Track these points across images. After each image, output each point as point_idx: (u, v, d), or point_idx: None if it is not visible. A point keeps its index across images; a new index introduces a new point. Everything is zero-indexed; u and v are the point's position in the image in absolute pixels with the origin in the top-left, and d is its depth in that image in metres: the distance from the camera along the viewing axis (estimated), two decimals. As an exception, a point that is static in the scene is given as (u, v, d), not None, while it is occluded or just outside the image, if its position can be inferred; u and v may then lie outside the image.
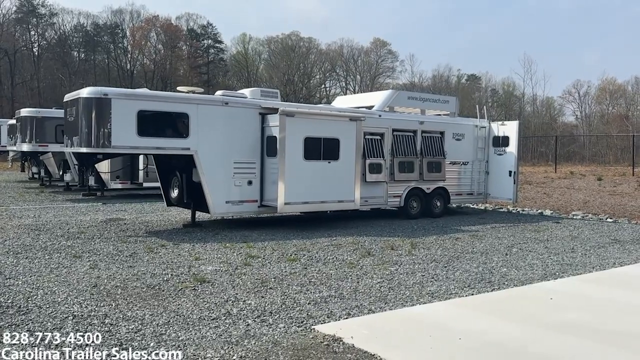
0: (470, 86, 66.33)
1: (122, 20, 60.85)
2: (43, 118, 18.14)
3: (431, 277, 7.09)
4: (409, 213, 13.16)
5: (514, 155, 14.35)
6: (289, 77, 60.13)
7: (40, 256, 7.88)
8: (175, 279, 6.67)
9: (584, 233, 11.45)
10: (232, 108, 10.57)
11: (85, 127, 9.50)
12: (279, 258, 8.09)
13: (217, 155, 10.31)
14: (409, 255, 8.54)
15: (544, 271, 7.63)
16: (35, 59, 55.41)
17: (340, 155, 11.15)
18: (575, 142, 46.75)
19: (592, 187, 21.65)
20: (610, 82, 59.28)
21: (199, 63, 63.61)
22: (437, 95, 15.35)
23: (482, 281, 6.93)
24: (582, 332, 4.90)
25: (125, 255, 8.09)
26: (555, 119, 59.63)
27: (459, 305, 5.74)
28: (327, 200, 11.14)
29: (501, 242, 9.98)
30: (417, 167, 13.20)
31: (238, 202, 10.66)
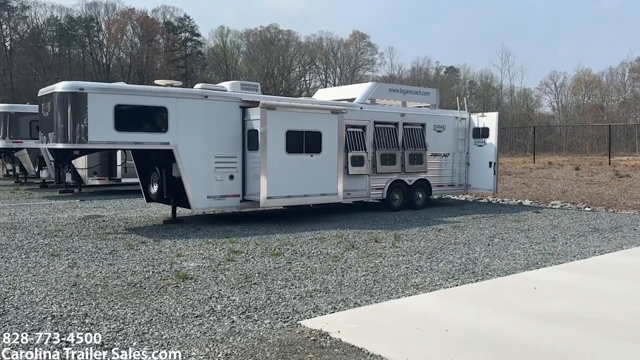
0: (448, 78, 66.82)
1: (97, 14, 59.70)
2: (17, 114, 17.69)
3: (415, 268, 7.09)
4: (392, 205, 13.18)
5: (494, 146, 14.46)
6: (268, 70, 59.67)
7: (17, 255, 7.67)
8: (156, 276, 6.54)
9: (563, 222, 11.60)
10: (212, 101, 10.41)
11: (60, 122, 9.26)
12: (262, 253, 8.01)
13: (198, 150, 10.16)
14: (392, 247, 8.53)
15: (527, 261, 7.70)
16: (7, 54, 53.97)
17: (323, 149, 11.08)
18: (552, 133, 47.42)
19: (569, 177, 21.99)
20: (585, 73, 60.29)
21: (176, 56, 62.79)
22: (418, 88, 15.37)
23: (466, 272, 6.95)
24: (568, 321, 4.93)
25: (105, 252, 7.92)
26: (533, 110, 60.44)
27: (444, 296, 5.74)
28: (310, 193, 11.08)
29: (483, 233, 10.05)
30: (399, 159, 13.21)
31: (220, 197, 10.53)
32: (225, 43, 64.74)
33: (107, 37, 59.25)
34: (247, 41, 64.81)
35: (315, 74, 66.61)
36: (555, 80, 61.59)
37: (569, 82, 61.01)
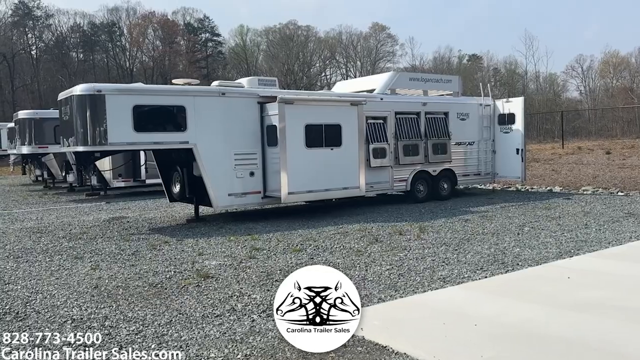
0: (472, 66, 65.59)
1: (118, 19, 60.50)
2: (41, 119, 17.96)
3: (442, 261, 6.85)
4: (416, 197, 12.91)
5: (521, 132, 14.03)
6: (288, 66, 59.60)
7: (41, 259, 7.71)
8: (178, 276, 6.48)
9: (596, 208, 11.17)
10: (230, 98, 10.32)
11: (80, 125, 9.29)
12: (284, 249, 7.88)
13: (217, 148, 10.09)
14: (417, 239, 8.30)
15: (559, 249, 7.38)
16: (34, 62, 55.22)
17: (343, 142, 10.89)
18: (581, 118, 46.12)
19: (600, 162, 21.29)
20: (613, 55, 58.46)
21: (197, 57, 63.23)
22: (439, 75, 15.07)
23: (495, 263, 6.69)
24: (605, 311, 4.66)
25: (128, 254, 7.91)
26: (559, 95, 58.92)
27: (472, 288, 5.51)
28: (332, 188, 10.91)
29: (512, 222, 9.72)
30: (422, 149, 12.93)
31: (241, 194, 10.44)
32: (245, 42, 64.92)
33: (129, 41, 60.04)
34: (266, 39, 64.85)
35: (336, 68, 66.31)
36: (582, 64, 60.00)
37: (596, 65, 59.35)
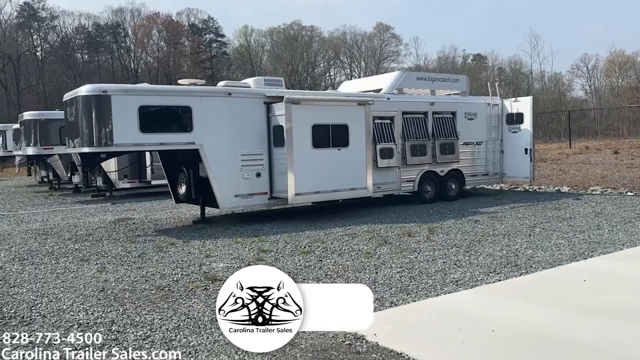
0: (476, 66, 65.30)
1: (123, 20, 60.52)
2: (46, 120, 17.92)
3: (453, 263, 6.73)
4: (424, 197, 12.78)
5: (529, 132, 13.88)
6: (293, 67, 59.50)
7: (47, 261, 7.64)
8: (185, 279, 6.38)
9: (607, 208, 11.01)
10: (236, 98, 10.23)
11: (85, 126, 9.21)
12: (292, 251, 7.77)
13: (223, 148, 9.99)
14: (427, 241, 8.18)
15: (572, 251, 7.24)
16: (39, 63, 55.30)
17: (350, 142, 10.78)
18: (586, 117, 45.79)
19: (608, 161, 21.08)
20: (618, 54, 58.02)
21: (202, 58, 63.23)
22: (446, 75, 14.93)
23: (508, 265, 6.56)
24: (624, 316, 4.53)
25: (134, 256, 7.82)
26: (565, 95, 58.57)
27: (487, 292, 5.38)
28: (339, 188, 10.80)
29: (522, 223, 9.58)
30: (430, 149, 12.80)
31: (247, 195, 10.35)
32: (249, 42, 64.84)
33: (133, 42, 60.08)
34: (270, 39, 64.77)
35: (340, 68, 66.13)
36: (587, 63, 59.58)
37: (601, 64, 58.93)
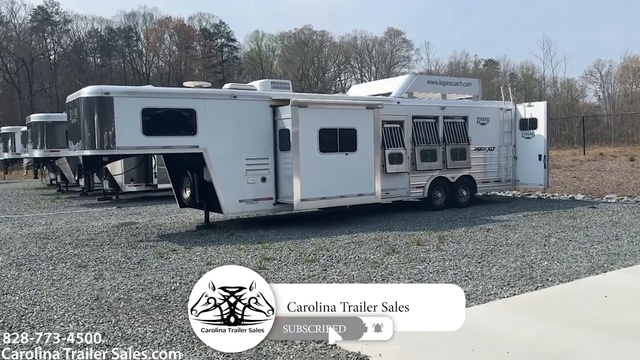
0: (488, 71, 64.71)
1: (135, 24, 60.87)
2: (53, 123, 17.85)
3: (465, 275, 6.40)
4: (434, 204, 12.45)
5: (543, 137, 13.51)
6: (303, 71, 59.41)
7: (44, 267, 7.42)
8: (183, 288, 6.12)
9: (624, 218, 10.60)
10: (242, 101, 9.99)
11: (87, 128, 9.03)
12: (296, 259, 7.49)
13: (228, 152, 9.76)
14: (437, 250, 7.85)
15: (590, 263, 6.88)
16: (52, 67, 55.78)
17: (358, 146, 10.49)
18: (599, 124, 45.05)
19: (624, 169, 20.58)
20: (632, 60, 57.09)
21: (213, 62, 63.35)
22: (458, 78, 14.58)
23: (523, 277, 6.21)
24: (649, 337, 4.19)
25: (134, 262, 7.58)
26: (577, 101, 57.80)
27: (501, 308, 5.05)
28: (346, 194, 10.50)
29: (537, 232, 9.22)
30: (440, 155, 12.47)
31: (252, 200, 10.10)
32: (260, 47, 64.88)
33: (145, 46, 60.36)
34: (281, 44, 64.76)
35: (351, 73, 65.90)
36: (601, 69, 58.71)
37: (615, 70, 58.06)
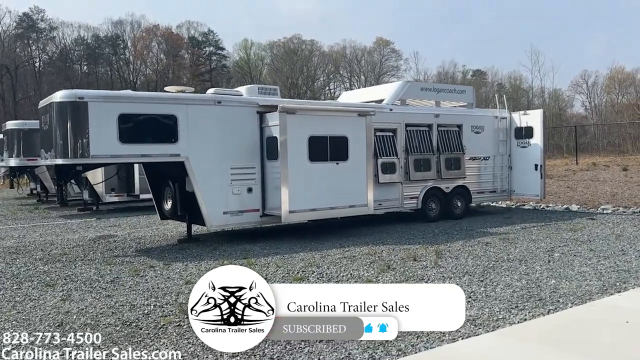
0: (476, 81, 64.69)
1: (122, 32, 60.09)
2: (30, 130, 17.12)
3: (468, 296, 5.85)
4: (428, 215, 11.96)
5: (540, 147, 13.09)
6: (292, 80, 59.05)
7: (8, 286, 6.79)
8: (157, 312, 5.52)
9: (627, 230, 10.17)
10: (226, 107, 9.45)
11: (60, 136, 8.41)
12: (283, 277, 6.92)
13: (211, 161, 9.19)
14: (435, 267, 7.32)
15: (600, 281, 6.39)
16: (37, 74, 54.79)
17: (350, 155, 9.98)
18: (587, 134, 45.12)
19: (617, 178, 20.25)
20: (618, 71, 57.56)
21: (201, 71, 62.74)
22: (452, 86, 14.19)
23: (531, 299, 5.70)
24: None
25: (107, 280, 6.97)
26: (565, 111, 58.03)
27: (512, 336, 4.51)
28: (337, 205, 9.97)
29: (538, 246, 8.73)
30: (434, 164, 12.00)
31: (237, 212, 9.52)
32: (249, 55, 64.44)
33: (133, 54, 59.62)
34: (270, 53, 64.39)
35: (340, 82, 65.62)
36: (587, 80, 59.09)
37: (601, 81, 58.46)
